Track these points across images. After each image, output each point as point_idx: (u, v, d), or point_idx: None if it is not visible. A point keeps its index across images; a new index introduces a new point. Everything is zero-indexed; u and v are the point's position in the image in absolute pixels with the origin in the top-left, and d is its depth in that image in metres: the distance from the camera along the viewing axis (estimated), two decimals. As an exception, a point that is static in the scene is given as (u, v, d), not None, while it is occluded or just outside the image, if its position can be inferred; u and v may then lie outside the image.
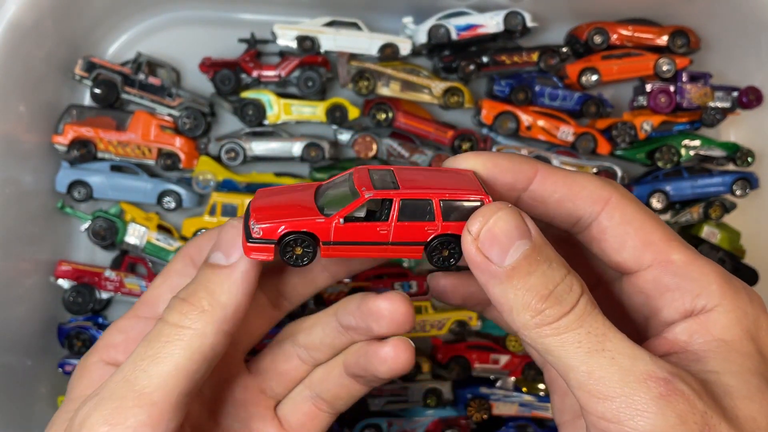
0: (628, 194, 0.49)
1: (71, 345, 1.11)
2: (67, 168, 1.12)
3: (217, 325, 0.44)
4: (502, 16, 1.14)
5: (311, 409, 0.58)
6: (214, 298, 0.44)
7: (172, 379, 0.42)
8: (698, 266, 0.46)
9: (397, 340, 0.51)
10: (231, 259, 0.44)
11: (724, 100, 1.20)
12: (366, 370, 0.53)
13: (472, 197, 0.45)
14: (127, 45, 1.16)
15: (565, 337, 0.41)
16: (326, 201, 0.47)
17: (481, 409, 1.19)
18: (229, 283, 0.44)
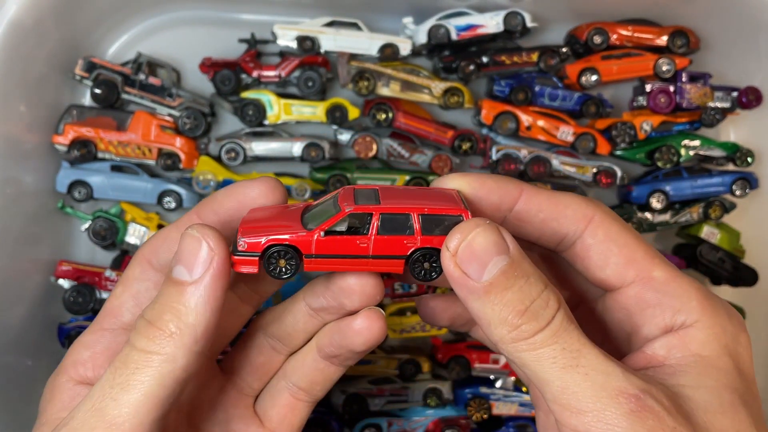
0: (611, 213, 0.50)
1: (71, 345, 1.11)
2: (68, 168, 1.12)
3: (186, 348, 0.42)
4: (502, 17, 1.14)
5: (289, 401, 0.57)
6: (181, 320, 0.42)
7: (143, 406, 0.41)
8: (679, 283, 0.48)
9: (368, 310, 0.51)
10: (194, 274, 0.42)
11: (724, 100, 1.20)
12: (341, 347, 0.53)
13: (451, 212, 0.46)
14: (127, 45, 1.16)
15: (540, 352, 0.42)
16: (311, 217, 0.48)
17: (481, 409, 1.19)
18: (194, 301, 0.42)
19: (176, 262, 0.43)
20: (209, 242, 0.43)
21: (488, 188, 0.49)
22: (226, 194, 0.50)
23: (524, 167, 1.18)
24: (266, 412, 0.57)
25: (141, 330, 0.42)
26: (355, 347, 0.52)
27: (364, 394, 1.17)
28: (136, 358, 0.41)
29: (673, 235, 1.29)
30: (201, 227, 0.43)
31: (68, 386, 0.49)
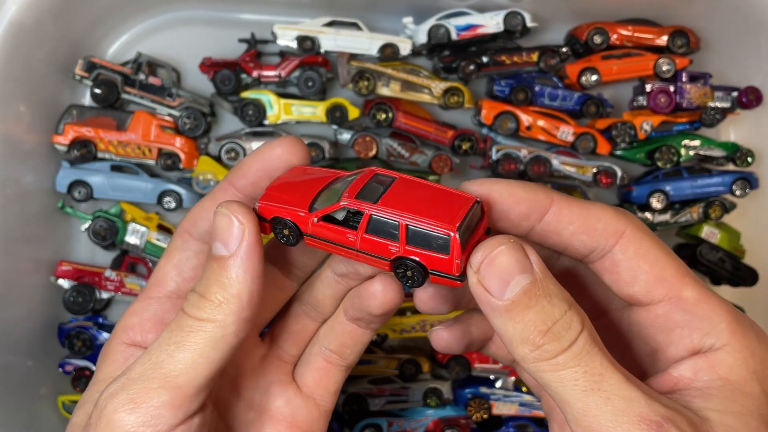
0: (643, 227, 0.49)
1: (71, 345, 1.12)
2: (68, 168, 1.12)
3: (235, 315, 0.45)
4: (502, 16, 1.14)
5: (323, 365, 0.59)
6: (226, 291, 0.45)
7: (197, 364, 0.44)
8: (709, 305, 0.47)
9: (383, 275, 0.53)
10: (230, 248, 0.45)
11: (724, 100, 1.20)
12: (361, 310, 0.55)
13: (439, 230, 0.45)
14: (127, 45, 1.16)
15: (562, 374, 0.42)
16: (325, 195, 0.50)
17: (481, 409, 1.19)
18: (235, 272, 0.45)
19: (213, 239, 0.46)
20: (238, 217, 0.46)
21: (518, 197, 0.49)
22: (252, 157, 0.52)
23: (524, 167, 1.18)
24: (303, 377, 0.59)
25: (193, 301, 0.46)
26: (372, 310, 0.54)
27: (365, 394, 1.17)
28: (189, 323, 0.45)
29: (674, 235, 1.29)
30: (229, 204, 0.46)
31: (120, 348, 0.52)
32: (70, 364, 1.12)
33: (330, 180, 0.51)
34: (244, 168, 0.52)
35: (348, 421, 1.17)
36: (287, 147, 0.51)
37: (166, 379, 0.43)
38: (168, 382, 0.43)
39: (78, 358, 1.13)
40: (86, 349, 1.12)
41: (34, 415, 1.09)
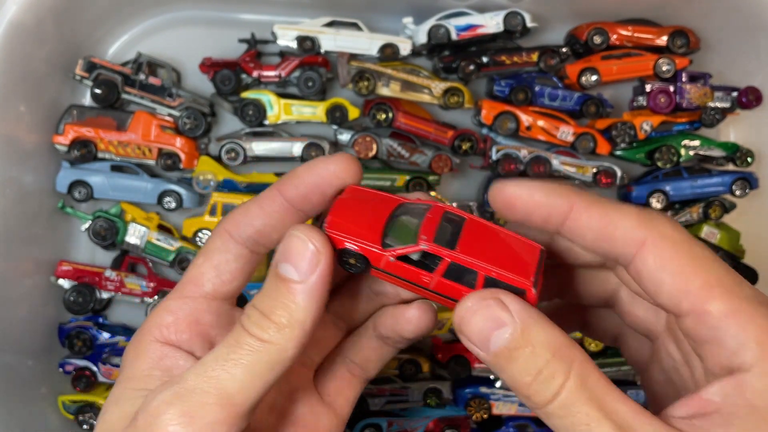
0: (669, 233, 0.46)
1: (72, 345, 1.12)
2: (68, 168, 1.12)
3: (296, 340, 0.45)
4: (501, 17, 1.14)
5: (346, 375, 0.59)
6: (292, 316, 0.45)
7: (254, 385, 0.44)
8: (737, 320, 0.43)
9: (422, 303, 0.54)
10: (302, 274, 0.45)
11: (724, 100, 1.20)
12: (394, 331, 0.55)
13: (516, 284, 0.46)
14: (127, 45, 1.16)
15: (555, 423, 0.42)
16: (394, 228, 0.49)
17: (480, 409, 1.19)
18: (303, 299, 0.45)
19: (283, 260, 0.45)
20: (315, 245, 0.45)
21: (536, 202, 0.47)
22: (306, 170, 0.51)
23: (524, 167, 1.18)
24: (324, 385, 0.59)
25: (254, 319, 0.45)
26: (405, 334, 0.55)
27: (364, 393, 1.17)
28: (250, 342, 0.44)
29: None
30: (307, 229, 0.46)
31: (155, 346, 0.50)
32: (70, 364, 1.12)
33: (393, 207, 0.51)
34: (296, 179, 0.51)
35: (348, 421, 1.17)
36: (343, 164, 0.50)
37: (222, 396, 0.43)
38: (224, 399, 0.43)
39: (78, 358, 1.13)
40: (86, 349, 1.12)
41: (35, 415, 1.09)
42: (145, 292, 1.14)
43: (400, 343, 0.58)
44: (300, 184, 0.50)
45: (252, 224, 0.50)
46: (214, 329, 0.51)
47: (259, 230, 0.50)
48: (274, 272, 0.46)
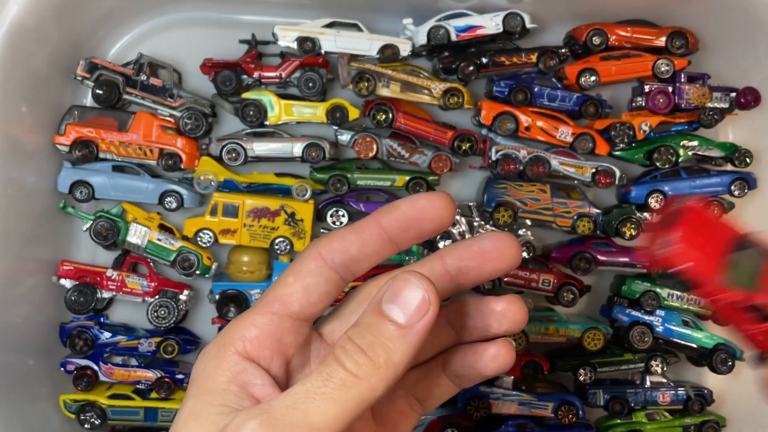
0: None
1: (73, 344, 1.12)
2: (69, 168, 1.12)
3: (387, 382, 0.45)
4: (501, 18, 1.14)
5: (405, 408, 0.59)
6: (390, 358, 0.45)
7: (339, 420, 0.44)
8: None
9: (505, 341, 0.54)
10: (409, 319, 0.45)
11: (722, 100, 1.21)
12: (473, 369, 0.55)
13: None
14: (128, 46, 1.16)
15: None
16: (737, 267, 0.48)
17: (480, 408, 1.19)
18: (404, 344, 0.45)
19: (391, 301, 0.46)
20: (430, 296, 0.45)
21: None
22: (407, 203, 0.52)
23: (523, 167, 1.19)
24: (382, 414, 0.58)
25: (351, 353, 0.45)
26: (486, 372, 0.55)
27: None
28: (343, 377, 0.44)
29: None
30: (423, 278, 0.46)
31: (235, 359, 0.50)
32: (72, 364, 1.13)
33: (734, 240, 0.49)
34: (396, 211, 0.51)
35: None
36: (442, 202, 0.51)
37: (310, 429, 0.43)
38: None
39: (79, 357, 1.13)
40: (87, 348, 1.13)
41: (36, 414, 1.10)
42: (146, 291, 1.15)
43: (471, 382, 0.58)
44: (399, 215, 0.51)
45: (347, 250, 0.51)
46: (293, 350, 0.51)
47: (353, 257, 0.51)
48: (378, 310, 0.46)
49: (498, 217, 1.18)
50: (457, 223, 1.17)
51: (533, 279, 1.21)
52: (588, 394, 1.24)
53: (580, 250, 1.21)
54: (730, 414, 1.27)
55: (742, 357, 1.25)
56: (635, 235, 1.20)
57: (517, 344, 1.19)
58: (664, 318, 1.24)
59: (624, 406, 1.24)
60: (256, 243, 1.15)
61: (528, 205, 1.20)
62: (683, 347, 1.25)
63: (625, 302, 1.25)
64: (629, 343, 1.22)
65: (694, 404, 1.25)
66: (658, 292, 1.23)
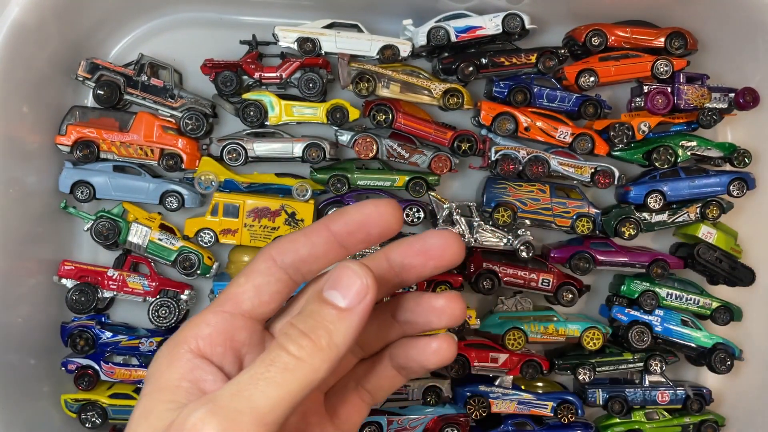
0: None
1: (74, 344, 1.13)
2: (70, 168, 1.13)
3: (329, 363, 0.47)
4: (500, 18, 1.15)
5: (357, 401, 0.61)
6: (331, 338, 0.47)
7: (284, 403, 0.45)
8: None
9: (447, 336, 0.57)
10: (349, 303, 0.47)
11: (721, 101, 1.21)
12: (416, 362, 0.58)
13: None
14: (129, 47, 1.17)
15: None
16: None
17: (480, 407, 1.20)
18: (345, 326, 0.47)
19: (332, 287, 0.48)
20: (368, 281, 0.48)
21: None
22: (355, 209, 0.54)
23: (523, 167, 1.19)
24: (335, 408, 0.61)
25: (293, 337, 0.47)
26: (429, 365, 0.57)
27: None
28: (286, 361, 0.46)
29: (672, 234, 1.30)
30: (361, 265, 0.48)
31: (187, 356, 0.52)
32: (73, 363, 1.13)
33: None
34: (345, 217, 0.53)
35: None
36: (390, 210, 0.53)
37: (256, 415, 0.44)
38: (258, 418, 0.44)
39: (80, 356, 1.14)
40: (88, 347, 1.13)
41: (37, 413, 1.10)
42: (147, 291, 1.15)
43: (416, 374, 0.60)
44: (348, 221, 0.53)
45: (297, 252, 0.53)
46: (246, 347, 0.52)
47: (302, 258, 0.52)
48: (319, 297, 0.48)
49: (497, 217, 1.19)
50: (456, 223, 1.18)
51: (533, 279, 1.22)
52: (587, 393, 1.24)
53: (579, 249, 1.22)
54: (729, 413, 1.28)
55: (741, 357, 1.25)
56: (634, 235, 1.20)
57: (517, 344, 1.20)
58: (663, 318, 1.24)
59: (623, 406, 1.24)
60: (256, 243, 1.15)
61: (527, 205, 1.20)
62: (682, 347, 1.25)
63: (624, 302, 1.25)
64: (628, 343, 1.22)
65: (693, 403, 1.25)
66: (657, 292, 1.23)
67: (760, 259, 1.25)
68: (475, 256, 1.20)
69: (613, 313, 1.24)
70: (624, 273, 1.25)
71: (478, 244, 1.19)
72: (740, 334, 1.27)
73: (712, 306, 1.25)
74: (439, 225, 1.17)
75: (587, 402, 1.24)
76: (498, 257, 1.21)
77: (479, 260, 1.20)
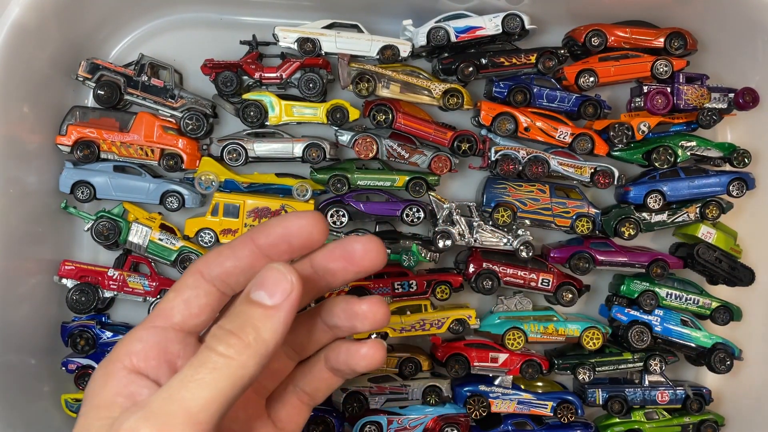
0: None
1: (74, 344, 1.13)
2: (71, 168, 1.13)
3: (258, 358, 0.48)
4: (500, 19, 1.15)
5: (296, 403, 0.63)
6: (259, 335, 0.48)
7: (216, 402, 0.46)
8: None
9: (375, 342, 0.59)
10: (275, 300, 0.49)
11: (721, 101, 1.21)
12: (347, 365, 0.60)
13: None
14: (130, 47, 1.17)
15: None
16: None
17: (479, 407, 1.20)
18: (272, 322, 0.49)
19: (258, 288, 0.50)
20: (292, 278, 0.49)
21: None
22: (277, 222, 0.55)
23: (522, 167, 1.19)
24: (276, 412, 0.62)
25: (221, 337, 0.49)
26: (358, 369, 0.60)
27: (365, 392, 1.18)
28: (215, 360, 0.47)
29: (671, 234, 1.30)
30: (285, 265, 0.50)
31: (122, 373, 0.53)
32: (73, 363, 1.13)
33: None
34: (268, 229, 0.55)
35: (348, 419, 1.18)
36: (310, 221, 0.55)
37: (188, 415, 0.45)
38: (190, 418, 0.45)
39: (81, 356, 1.14)
40: (89, 347, 1.13)
41: (38, 413, 1.10)
42: (147, 291, 1.15)
43: (349, 375, 0.62)
44: (271, 233, 0.54)
45: (222, 265, 0.54)
46: (181, 359, 0.53)
47: (228, 271, 0.54)
48: (246, 298, 0.50)
49: (497, 217, 1.19)
50: (456, 223, 1.18)
51: (532, 279, 1.22)
52: (587, 393, 1.24)
53: (579, 249, 1.22)
54: (729, 413, 1.28)
55: (740, 356, 1.25)
56: (634, 235, 1.20)
57: (517, 344, 1.20)
58: (662, 317, 1.24)
59: (623, 405, 1.24)
60: (256, 243, 1.15)
61: (527, 205, 1.20)
62: (682, 346, 1.25)
63: (623, 302, 1.25)
64: (628, 343, 1.23)
65: (693, 403, 1.25)
66: (656, 292, 1.24)
67: (759, 259, 1.25)
68: (475, 256, 1.21)
69: (613, 313, 1.24)
70: (624, 273, 1.25)
71: (477, 244, 1.19)
72: (740, 334, 1.27)
73: (711, 306, 1.25)
74: (439, 225, 1.18)
75: (587, 402, 1.24)
76: (498, 257, 1.21)
77: (479, 260, 1.20)
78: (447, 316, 1.20)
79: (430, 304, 1.21)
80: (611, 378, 1.28)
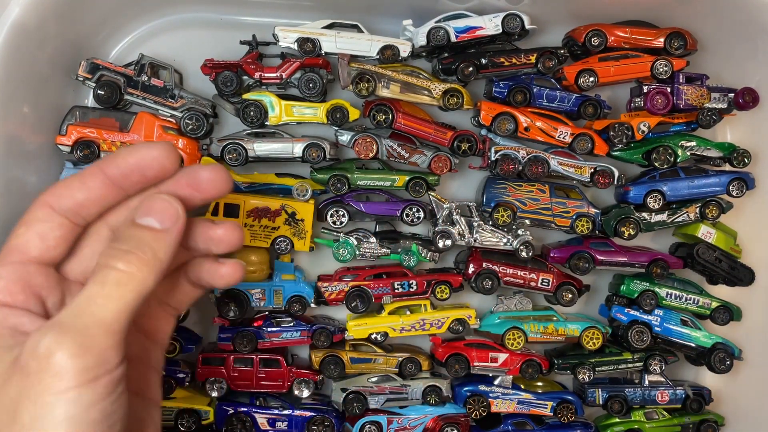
0: None
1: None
2: (71, 168, 1.13)
3: (156, 274, 0.53)
4: (500, 19, 1.15)
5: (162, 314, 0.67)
6: (155, 254, 0.54)
7: (124, 313, 0.51)
8: None
9: (234, 263, 0.63)
10: (164, 225, 0.55)
11: (721, 101, 1.21)
12: (208, 282, 0.64)
13: None
14: (130, 47, 1.17)
15: None
16: None
17: (479, 407, 1.20)
18: (165, 243, 0.54)
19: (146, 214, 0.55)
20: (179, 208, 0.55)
21: None
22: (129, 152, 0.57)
23: (522, 167, 1.19)
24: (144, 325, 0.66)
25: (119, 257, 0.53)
26: (218, 285, 0.65)
27: (365, 392, 1.18)
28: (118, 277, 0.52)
29: (671, 234, 1.30)
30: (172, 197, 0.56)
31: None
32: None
33: None
34: (118, 159, 0.57)
35: (348, 419, 1.18)
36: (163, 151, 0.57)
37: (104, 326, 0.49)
38: (106, 328, 0.49)
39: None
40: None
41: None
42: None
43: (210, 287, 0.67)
44: (122, 163, 0.57)
45: (73, 197, 0.56)
46: (45, 290, 0.56)
47: (80, 203, 0.56)
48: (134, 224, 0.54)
49: (497, 217, 1.19)
50: (456, 223, 1.18)
51: (532, 278, 1.22)
52: (587, 392, 1.24)
53: (579, 249, 1.22)
54: (729, 413, 1.28)
55: (740, 356, 1.26)
56: (634, 235, 1.20)
57: (516, 343, 1.20)
58: (662, 317, 1.24)
59: (623, 405, 1.24)
60: (256, 243, 1.15)
61: (527, 205, 1.21)
62: (682, 346, 1.26)
63: (623, 302, 1.25)
64: (628, 343, 1.23)
65: (693, 403, 1.25)
66: (656, 292, 1.24)
67: (759, 259, 1.25)
68: (475, 256, 1.21)
69: (613, 312, 1.24)
70: (624, 273, 1.25)
71: (477, 244, 1.19)
72: (740, 333, 1.27)
73: (711, 306, 1.25)
74: (438, 225, 1.18)
75: (587, 401, 1.24)
76: (498, 257, 1.21)
77: (479, 260, 1.20)
78: (447, 316, 1.20)
79: (430, 303, 1.21)
80: (611, 378, 1.29)
